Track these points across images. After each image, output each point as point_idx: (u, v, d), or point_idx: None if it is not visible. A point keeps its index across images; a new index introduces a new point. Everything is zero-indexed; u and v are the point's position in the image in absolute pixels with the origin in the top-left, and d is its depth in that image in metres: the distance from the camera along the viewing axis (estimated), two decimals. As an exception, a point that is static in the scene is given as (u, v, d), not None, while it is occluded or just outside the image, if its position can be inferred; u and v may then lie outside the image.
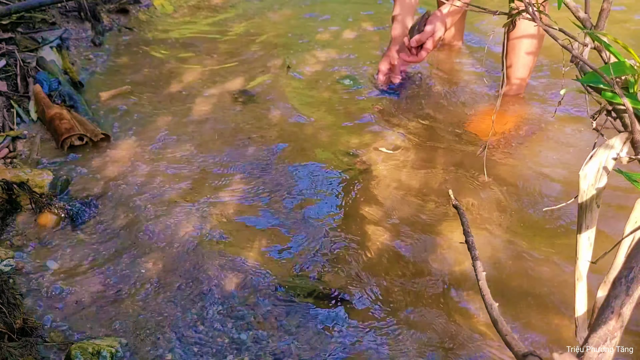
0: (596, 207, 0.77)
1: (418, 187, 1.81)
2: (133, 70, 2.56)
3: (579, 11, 0.84)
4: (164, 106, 2.29)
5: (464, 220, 0.89)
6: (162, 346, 1.33)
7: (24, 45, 2.50)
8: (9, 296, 1.37)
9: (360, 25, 3.00)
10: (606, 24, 0.84)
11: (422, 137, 2.06)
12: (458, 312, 1.40)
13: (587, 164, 0.77)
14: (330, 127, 2.13)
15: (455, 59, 2.60)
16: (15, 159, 1.92)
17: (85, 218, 1.70)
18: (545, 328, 1.36)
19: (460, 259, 1.55)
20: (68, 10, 2.90)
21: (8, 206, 1.68)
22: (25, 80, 2.30)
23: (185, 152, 2.00)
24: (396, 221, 1.69)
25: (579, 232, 0.78)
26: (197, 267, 1.54)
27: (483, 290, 0.80)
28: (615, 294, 0.73)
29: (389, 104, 2.26)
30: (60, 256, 1.57)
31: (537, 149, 1.98)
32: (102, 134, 2.01)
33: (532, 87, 2.35)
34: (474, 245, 0.84)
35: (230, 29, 3.01)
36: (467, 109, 2.22)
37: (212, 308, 1.42)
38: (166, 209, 1.74)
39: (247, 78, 2.49)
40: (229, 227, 1.67)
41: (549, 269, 1.51)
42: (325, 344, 1.33)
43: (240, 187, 1.83)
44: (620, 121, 0.83)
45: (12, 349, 1.24)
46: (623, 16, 2.96)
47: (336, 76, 2.48)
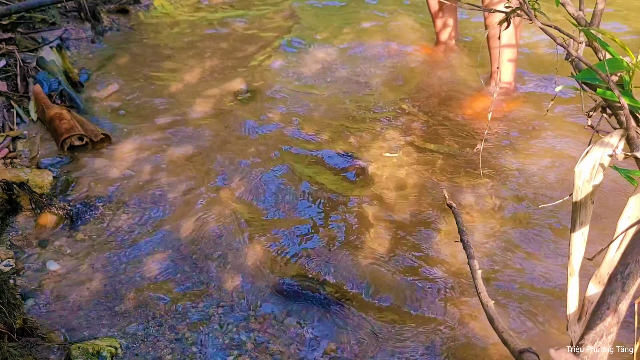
0: (591, 204, 0.77)
1: (416, 186, 1.81)
2: (133, 69, 2.56)
3: (572, 8, 0.84)
4: (164, 106, 2.29)
5: (458, 220, 0.89)
6: (162, 346, 1.33)
7: (24, 46, 2.51)
8: (9, 296, 1.37)
9: (356, 25, 3.00)
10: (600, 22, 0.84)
11: (420, 135, 2.06)
12: (456, 311, 1.40)
13: (583, 161, 0.77)
14: (330, 126, 2.13)
15: (452, 57, 2.60)
16: (15, 159, 1.92)
17: (86, 218, 1.71)
18: (542, 325, 1.36)
19: (456, 257, 1.55)
20: (68, 11, 2.90)
21: (8, 206, 1.68)
22: (25, 81, 2.31)
23: (186, 151, 2.00)
24: (395, 220, 1.69)
25: (573, 228, 0.78)
26: (197, 268, 1.54)
27: (479, 288, 0.80)
28: (611, 290, 0.73)
29: (389, 103, 2.27)
30: (60, 256, 1.58)
31: (533, 147, 1.98)
32: (102, 134, 2.01)
33: (528, 86, 2.35)
34: (470, 244, 0.84)
35: (230, 28, 3.01)
36: (466, 107, 2.22)
37: (212, 308, 1.43)
38: (166, 209, 1.74)
39: (247, 77, 2.49)
40: (229, 227, 1.67)
41: (546, 266, 1.51)
42: (326, 344, 1.34)
43: (241, 186, 1.83)
44: (615, 118, 0.83)
45: (12, 349, 1.24)
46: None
47: (336, 74, 2.48)
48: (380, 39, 2.79)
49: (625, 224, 0.74)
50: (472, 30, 2.82)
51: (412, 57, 2.59)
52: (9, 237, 1.63)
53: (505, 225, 1.65)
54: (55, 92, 2.25)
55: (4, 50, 2.40)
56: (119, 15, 3.06)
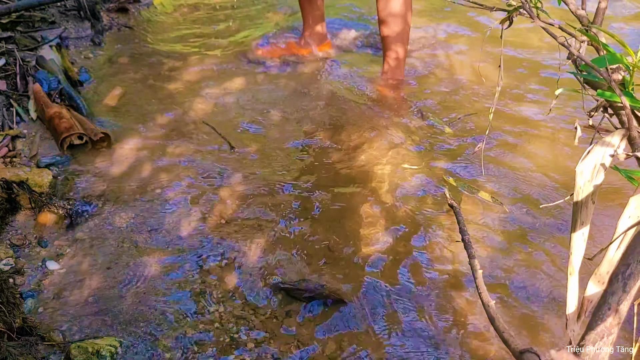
0: (592, 204, 0.76)
1: (417, 186, 1.81)
2: (133, 69, 2.55)
3: (574, 6, 0.84)
4: (163, 105, 2.28)
5: (459, 219, 0.89)
6: (162, 346, 1.33)
7: (23, 44, 2.50)
8: (9, 295, 1.37)
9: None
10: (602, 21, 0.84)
11: (420, 134, 2.06)
12: (457, 310, 1.40)
13: (584, 161, 0.77)
14: (330, 126, 2.13)
15: (452, 55, 2.60)
16: (14, 158, 1.92)
17: (85, 217, 1.70)
18: (543, 325, 1.36)
19: (457, 256, 1.55)
20: (67, 9, 2.89)
21: (8, 205, 1.68)
22: (24, 79, 2.30)
23: (186, 150, 2.00)
24: (395, 221, 1.69)
25: (574, 228, 0.78)
26: (197, 267, 1.54)
27: (480, 288, 0.80)
28: (612, 290, 0.73)
29: (389, 103, 2.26)
30: (59, 255, 1.58)
31: (534, 147, 1.98)
32: (101, 133, 2.00)
33: (527, 87, 2.35)
34: (471, 244, 0.84)
35: (230, 28, 3.00)
36: (465, 106, 2.22)
37: (212, 307, 1.43)
38: (166, 208, 1.74)
39: (247, 77, 2.48)
40: (229, 227, 1.67)
41: (546, 266, 1.51)
42: (326, 344, 1.34)
43: (241, 186, 1.83)
44: (617, 118, 0.83)
45: (11, 348, 1.24)
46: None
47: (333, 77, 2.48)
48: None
49: (626, 223, 0.74)
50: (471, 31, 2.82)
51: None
52: (9, 236, 1.62)
53: (505, 225, 1.65)
54: (55, 91, 2.25)
55: (4, 49, 2.39)
56: (118, 14, 3.05)
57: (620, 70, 0.80)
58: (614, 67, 0.80)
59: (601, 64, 0.76)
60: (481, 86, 2.35)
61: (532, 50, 2.63)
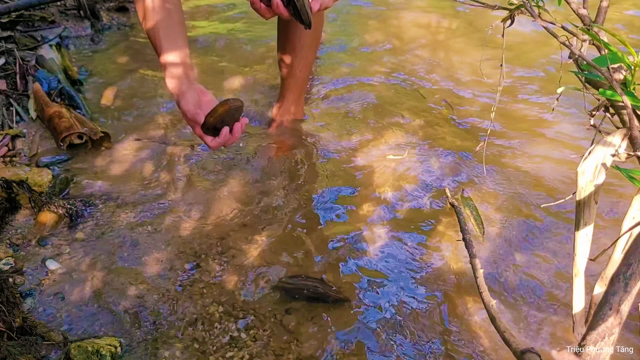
0: (594, 204, 0.76)
1: (418, 185, 1.81)
2: (132, 68, 2.55)
3: (575, 5, 0.84)
4: (163, 104, 2.28)
5: (460, 218, 0.88)
6: (162, 345, 1.33)
7: (23, 44, 2.50)
8: (9, 295, 1.37)
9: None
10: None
11: (419, 134, 2.06)
12: (457, 310, 1.40)
13: (585, 161, 0.77)
14: (330, 127, 2.13)
15: (454, 55, 2.60)
16: (14, 157, 1.92)
17: (85, 217, 1.70)
18: (544, 325, 1.36)
19: (458, 256, 1.55)
20: (67, 9, 2.89)
21: (7, 205, 1.67)
22: (24, 79, 2.30)
23: (186, 150, 2.00)
24: (396, 220, 1.68)
25: (577, 228, 0.78)
26: (197, 266, 1.54)
27: (481, 288, 0.80)
28: (613, 290, 0.72)
29: (388, 103, 2.26)
30: (59, 255, 1.57)
31: (535, 147, 1.97)
32: (101, 133, 2.00)
33: (528, 86, 2.35)
34: (472, 243, 0.84)
35: (230, 28, 3.00)
36: (465, 105, 2.22)
37: (212, 307, 1.42)
38: (166, 208, 1.74)
39: (247, 76, 2.48)
40: (229, 226, 1.67)
41: (548, 266, 1.51)
42: (326, 343, 1.33)
43: (241, 185, 1.83)
44: (618, 117, 0.83)
45: (11, 347, 1.24)
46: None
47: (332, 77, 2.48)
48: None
49: (630, 224, 0.74)
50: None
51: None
52: (8, 235, 1.62)
53: (506, 225, 1.65)
54: (55, 90, 2.25)
55: (3, 48, 2.39)
56: (118, 13, 3.05)
57: (622, 70, 0.80)
58: (616, 67, 0.80)
59: (603, 64, 0.75)
60: (481, 86, 2.34)
61: (532, 50, 2.63)
